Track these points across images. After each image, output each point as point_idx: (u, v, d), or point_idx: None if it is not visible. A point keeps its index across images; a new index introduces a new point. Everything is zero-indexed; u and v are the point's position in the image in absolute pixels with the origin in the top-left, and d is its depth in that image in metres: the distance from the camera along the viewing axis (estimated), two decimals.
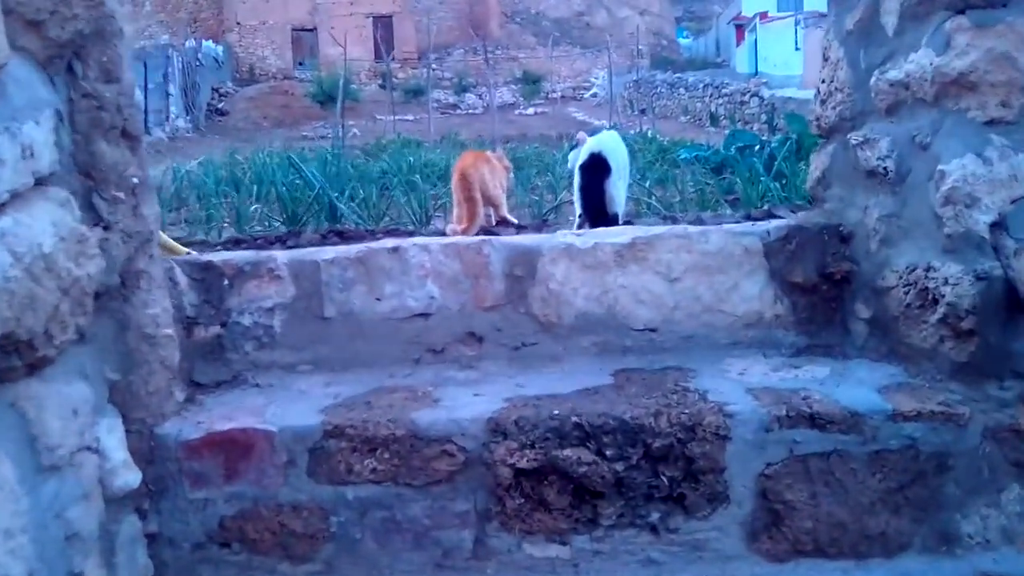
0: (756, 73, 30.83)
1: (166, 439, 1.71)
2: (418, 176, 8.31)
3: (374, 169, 9.07)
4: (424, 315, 2.10)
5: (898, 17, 1.94)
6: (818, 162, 2.33)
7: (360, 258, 2.11)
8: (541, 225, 4.94)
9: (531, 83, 39.40)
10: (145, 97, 24.01)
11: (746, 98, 19.27)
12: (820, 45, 2.36)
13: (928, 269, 1.83)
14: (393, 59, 37.87)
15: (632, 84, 27.12)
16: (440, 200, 6.54)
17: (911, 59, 1.88)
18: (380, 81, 33.86)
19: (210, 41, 38.07)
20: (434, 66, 36.23)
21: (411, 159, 9.62)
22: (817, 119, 2.33)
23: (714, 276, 2.13)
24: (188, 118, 28.12)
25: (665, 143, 13.73)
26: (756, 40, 36.50)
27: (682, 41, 59.40)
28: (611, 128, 19.61)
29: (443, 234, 4.43)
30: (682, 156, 7.19)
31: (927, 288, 1.83)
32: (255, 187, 7.58)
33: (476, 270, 2.11)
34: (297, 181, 6.09)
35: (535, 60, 40.83)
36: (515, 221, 4.82)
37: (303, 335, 2.09)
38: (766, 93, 18.70)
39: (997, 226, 1.70)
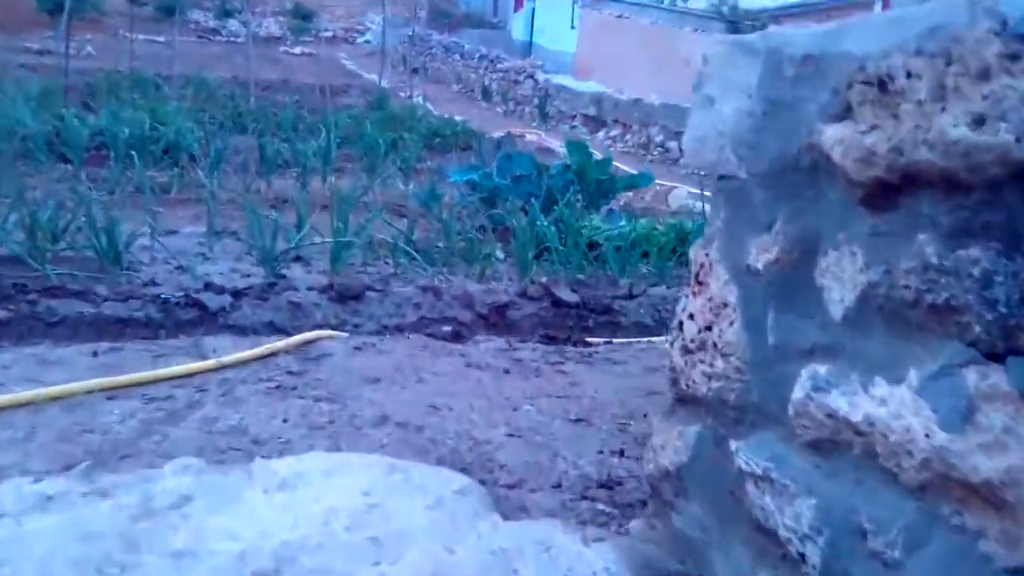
0: (531, 42, 30.49)
1: None
2: (135, 154, 6.76)
3: (84, 133, 7.38)
4: None
5: (857, 299, 1.10)
6: (665, 440, 1.47)
7: None
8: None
9: (301, 18, 36.82)
10: None
11: (521, 78, 18.65)
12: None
13: None
14: None
15: (407, 39, 25.82)
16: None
17: (880, 392, 1.05)
18: None
19: None
20: None
21: (127, 127, 7.73)
22: (673, 372, 1.46)
23: None
24: None
25: (435, 121, 12.77)
26: (534, 9, 36.16)
27: None
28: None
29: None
30: (453, 179, 6.29)
31: None
32: None
33: None
34: None
35: None
36: None
37: None
38: (541, 77, 18.18)
39: None
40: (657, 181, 8.60)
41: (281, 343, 2.80)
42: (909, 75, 1.00)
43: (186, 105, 11.30)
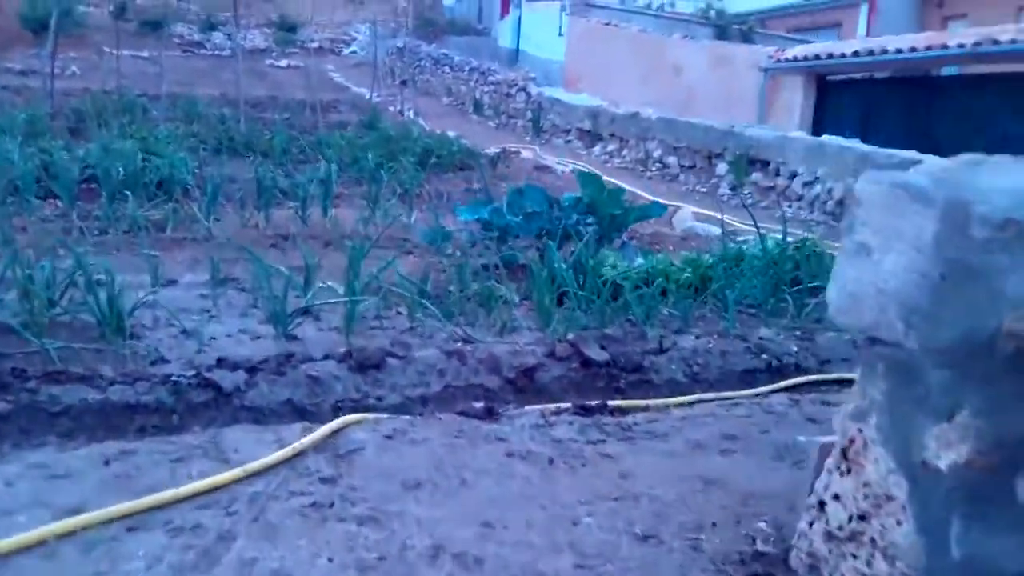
0: (518, 49, 30.31)
1: None
2: (129, 194, 6.50)
3: (74, 170, 7.09)
4: None
5: None
6: None
7: None
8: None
9: (286, 30, 36.54)
10: None
11: (513, 91, 18.41)
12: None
13: None
14: None
15: (396, 51, 25.58)
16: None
17: None
18: (111, 7, 29.59)
19: None
20: None
21: (119, 162, 7.38)
22: (811, 557, 1.25)
23: None
24: None
25: (431, 140, 12.49)
26: (520, 16, 36.00)
27: (446, 2, 58.29)
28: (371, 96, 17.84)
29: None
30: (463, 218, 6.07)
31: None
32: None
33: None
34: None
35: (292, 2, 37.82)
36: None
37: None
38: (534, 90, 17.95)
39: None
40: (660, 201, 8.37)
41: (307, 439, 2.58)
42: None
43: (176, 130, 11.03)
